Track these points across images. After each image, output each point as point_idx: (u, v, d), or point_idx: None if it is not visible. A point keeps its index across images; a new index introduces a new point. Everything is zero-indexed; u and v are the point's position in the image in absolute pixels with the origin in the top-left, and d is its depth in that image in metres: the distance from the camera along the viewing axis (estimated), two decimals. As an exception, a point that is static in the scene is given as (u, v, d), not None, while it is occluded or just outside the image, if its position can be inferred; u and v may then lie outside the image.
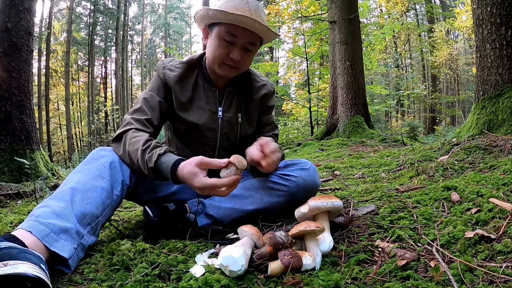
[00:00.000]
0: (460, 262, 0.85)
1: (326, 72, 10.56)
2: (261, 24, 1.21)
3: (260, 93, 1.46)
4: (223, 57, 1.28)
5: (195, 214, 1.35)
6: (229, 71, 1.32)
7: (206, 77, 1.41)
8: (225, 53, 1.27)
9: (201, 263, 0.98)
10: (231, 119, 1.42)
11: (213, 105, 1.40)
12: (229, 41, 1.26)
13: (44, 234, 0.91)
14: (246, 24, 1.22)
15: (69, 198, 1.02)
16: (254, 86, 1.46)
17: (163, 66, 1.37)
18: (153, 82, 1.40)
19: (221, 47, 1.27)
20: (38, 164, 3.36)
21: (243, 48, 1.28)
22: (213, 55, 1.30)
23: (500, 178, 1.40)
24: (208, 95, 1.40)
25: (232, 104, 1.43)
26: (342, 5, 6.07)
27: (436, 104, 18.21)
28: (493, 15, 2.64)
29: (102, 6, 22.80)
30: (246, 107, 1.46)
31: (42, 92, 17.43)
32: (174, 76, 1.35)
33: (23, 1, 3.34)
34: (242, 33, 1.25)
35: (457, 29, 16.16)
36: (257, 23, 1.21)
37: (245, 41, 1.27)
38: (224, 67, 1.30)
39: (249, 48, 1.30)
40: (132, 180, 1.24)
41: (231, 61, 1.28)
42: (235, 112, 1.43)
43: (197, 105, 1.39)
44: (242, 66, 1.33)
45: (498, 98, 2.60)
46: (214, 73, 1.38)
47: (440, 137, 8.66)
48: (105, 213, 1.11)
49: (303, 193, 1.32)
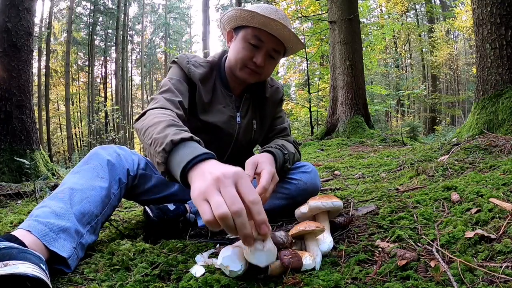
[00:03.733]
0: (460, 262, 0.85)
1: (326, 72, 10.57)
2: (290, 31, 1.22)
3: (276, 98, 1.48)
4: (246, 60, 1.27)
5: (195, 214, 1.35)
6: (249, 75, 1.30)
7: (223, 81, 1.39)
8: (248, 56, 1.27)
9: (201, 263, 0.98)
10: (247, 125, 1.43)
11: (232, 110, 1.39)
12: (254, 45, 1.26)
13: (43, 233, 0.91)
14: (275, 28, 1.21)
15: (68, 198, 1.02)
16: (268, 91, 1.46)
17: (187, 61, 1.32)
18: (175, 72, 1.32)
19: (246, 50, 1.27)
20: (38, 164, 3.36)
21: (267, 54, 1.28)
22: (236, 57, 1.29)
23: (500, 178, 1.40)
24: (226, 100, 1.38)
25: (248, 111, 1.43)
26: (342, 5, 6.07)
27: (436, 104, 18.22)
28: (493, 15, 2.64)
29: (102, 6, 22.80)
30: (260, 113, 1.47)
31: (42, 92, 17.45)
32: (199, 74, 1.31)
33: (23, 1, 3.34)
34: (268, 39, 1.25)
35: (457, 29, 16.17)
36: (286, 29, 1.21)
37: (270, 47, 1.26)
38: (245, 71, 1.29)
39: (273, 55, 1.29)
40: (130, 179, 1.23)
41: (253, 65, 1.27)
42: (250, 119, 1.44)
43: (217, 108, 1.36)
44: (263, 73, 1.32)
45: (498, 98, 2.60)
46: (232, 78, 1.37)
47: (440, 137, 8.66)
48: (105, 212, 1.11)
49: (304, 196, 1.32)
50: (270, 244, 0.83)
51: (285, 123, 1.54)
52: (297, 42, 1.28)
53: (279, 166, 1.23)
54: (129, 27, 26.61)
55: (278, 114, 1.54)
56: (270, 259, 0.82)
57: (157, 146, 0.90)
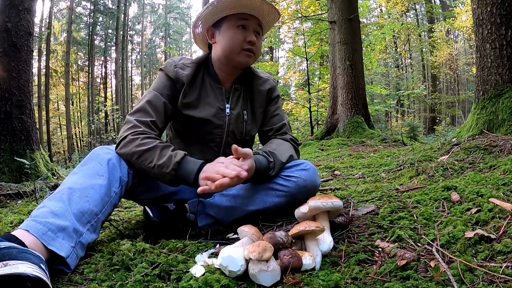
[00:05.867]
0: (460, 262, 0.85)
1: (326, 72, 10.57)
2: (268, 4, 1.33)
3: (264, 88, 1.50)
4: (241, 42, 1.33)
5: (195, 214, 1.35)
6: (248, 57, 1.36)
7: (212, 76, 1.43)
8: (242, 38, 1.34)
9: (201, 263, 0.98)
10: (238, 116, 1.44)
11: (221, 102, 1.42)
12: (242, 26, 1.34)
13: (41, 232, 0.91)
14: (256, 7, 1.32)
15: (67, 198, 1.02)
16: (257, 83, 1.49)
17: (174, 65, 1.36)
18: (159, 81, 1.37)
19: (237, 34, 1.34)
20: (38, 164, 3.36)
21: (255, 32, 1.36)
22: (231, 44, 1.34)
23: (500, 178, 1.40)
24: (216, 92, 1.42)
25: (238, 101, 1.45)
26: (342, 5, 6.07)
27: (436, 104, 18.22)
28: (493, 15, 2.64)
29: (102, 6, 22.80)
30: (251, 104, 1.49)
31: (42, 92, 17.44)
32: (187, 75, 1.35)
33: (23, 1, 3.34)
34: (251, 17, 1.35)
35: (457, 29, 16.18)
36: (265, 3, 1.32)
37: (255, 23, 1.36)
38: (243, 54, 1.35)
39: (259, 31, 1.39)
40: (130, 177, 1.23)
41: (249, 44, 1.34)
42: (241, 109, 1.45)
43: (204, 102, 1.40)
44: (257, 52, 1.39)
45: (498, 98, 2.60)
46: (222, 70, 1.42)
47: (440, 137, 8.66)
48: (105, 210, 1.11)
49: (303, 194, 1.32)
50: (274, 264, 0.86)
51: (283, 120, 1.54)
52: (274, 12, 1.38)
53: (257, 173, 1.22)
54: (129, 27, 26.61)
55: (275, 111, 1.54)
56: (275, 279, 0.85)
57: (165, 168, 1.16)
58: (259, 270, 0.85)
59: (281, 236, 0.96)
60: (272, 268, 0.85)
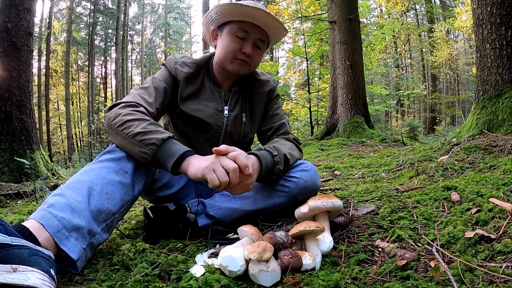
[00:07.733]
0: (460, 262, 0.85)
1: (326, 72, 10.56)
2: (273, 17, 1.30)
3: (264, 90, 1.51)
4: (236, 52, 1.34)
5: (195, 214, 1.35)
6: (241, 66, 1.37)
7: (212, 78, 1.45)
8: (237, 48, 1.34)
9: (201, 263, 0.98)
10: (236, 118, 1.45)
11: (219, 104, 1.43)
12: (241, 37, 1.34)
13: (56, 229, 0.88)
14: (259, 18, 1.30)
15: (87, 192, 0.98)
16: (258, 84, 1.50)
17: (174, 61, 1.39)
18: (161, 72, 1.40)
19: (234, 43, 1.34)
20: (38, 164, 3.36)
21: (254, 44, 1.36)
22: (226, 51, 1.35)
23: (500, 178, 1.40)
24: (215, 95, 1.44)
25: (237, 104, 1.47)
26: (342, 5, 6.07)
27: (436, 104, 18.21)
28: (493, 15, 2.64)
29: (102, 6, 22.78)
30: (250, 107, 1.50)
31: (42, 92, 17.42)
32: (185, 72, 1.37)
33: (23, 1, 3.34)
34: (253, 29, 1.34)
35: (457, 29, 16.16)
36: (270, 16, 1.30)
37: (256, 37, 1.35)
38: (236, 62, 1.36)
39: (259, 45, 1.38)
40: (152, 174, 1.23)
41: (243, 55, 1.35)
42: (240, 112, 1.47)
43: (202, 102, 1.41)
44: (253, 63, 1.39)
45: (498, 98, 2.60)
46: (221, 73, 1.43)
47: (440, 137, 8.66)
48: (123, 210, 1.08)
49: (304, 194, 1.32)
50: (273, 264, 0.87)
51: (283, 120, 1.54)
52: (280, 27, 1.36)
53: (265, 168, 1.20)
54: (129, 27, 26.60)
55: (275, 111, 1.54)
56: (275, 279, 0.86)
57: (146, 139, 1.06)
58: (259, 270, 0.85)
59: (281, 236, 0.96)
60: (272, 268, 0.85)
